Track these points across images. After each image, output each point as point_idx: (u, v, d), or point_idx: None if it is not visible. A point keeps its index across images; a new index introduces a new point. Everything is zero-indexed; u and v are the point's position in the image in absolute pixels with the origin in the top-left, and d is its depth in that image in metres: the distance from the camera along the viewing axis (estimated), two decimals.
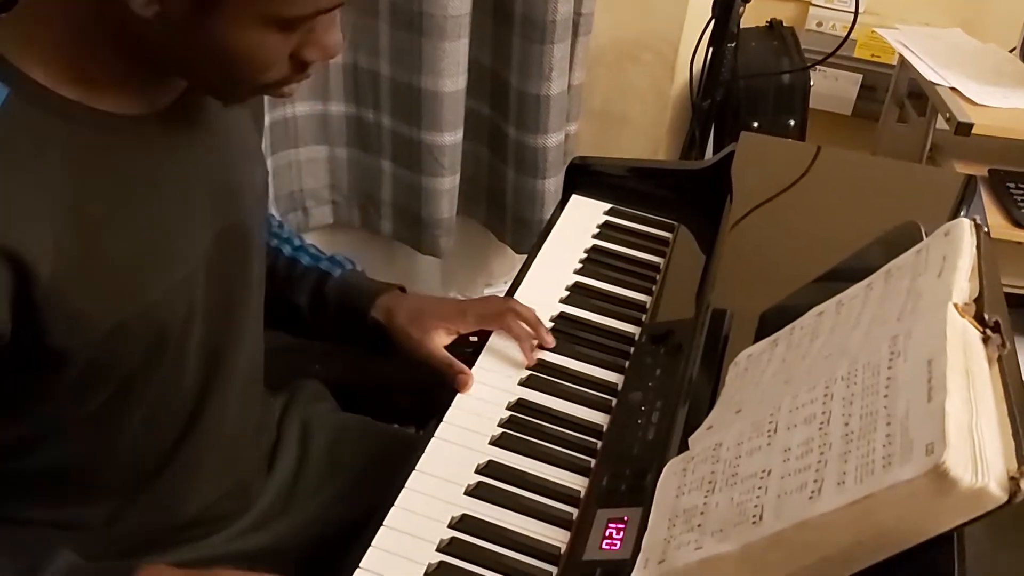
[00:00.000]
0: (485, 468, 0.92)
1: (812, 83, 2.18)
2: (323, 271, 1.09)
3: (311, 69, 0.76)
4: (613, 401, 1.02)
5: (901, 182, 1.43)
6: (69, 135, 0.71)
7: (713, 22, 1.89)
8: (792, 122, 2.11)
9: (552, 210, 1.38)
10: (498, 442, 0.95)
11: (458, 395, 1.00)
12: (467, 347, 1.08)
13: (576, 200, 1.37)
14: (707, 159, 1.70)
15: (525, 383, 1.03)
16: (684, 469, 0.76)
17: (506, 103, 1.86)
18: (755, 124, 2.08)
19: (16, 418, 0.79)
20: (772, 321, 0.93)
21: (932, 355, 0.63)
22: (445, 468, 0.92)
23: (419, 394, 1.07)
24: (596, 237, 1.29)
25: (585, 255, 1.25)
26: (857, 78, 2.64)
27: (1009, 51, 2.33)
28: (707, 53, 1.95)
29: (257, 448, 1.03)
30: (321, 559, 0.93)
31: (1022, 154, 2.19)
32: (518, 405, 1.00)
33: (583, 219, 1.33)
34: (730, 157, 1.33)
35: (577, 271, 1.22)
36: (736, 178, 1.29)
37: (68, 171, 0.71)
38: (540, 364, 1.06)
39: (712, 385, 0.92)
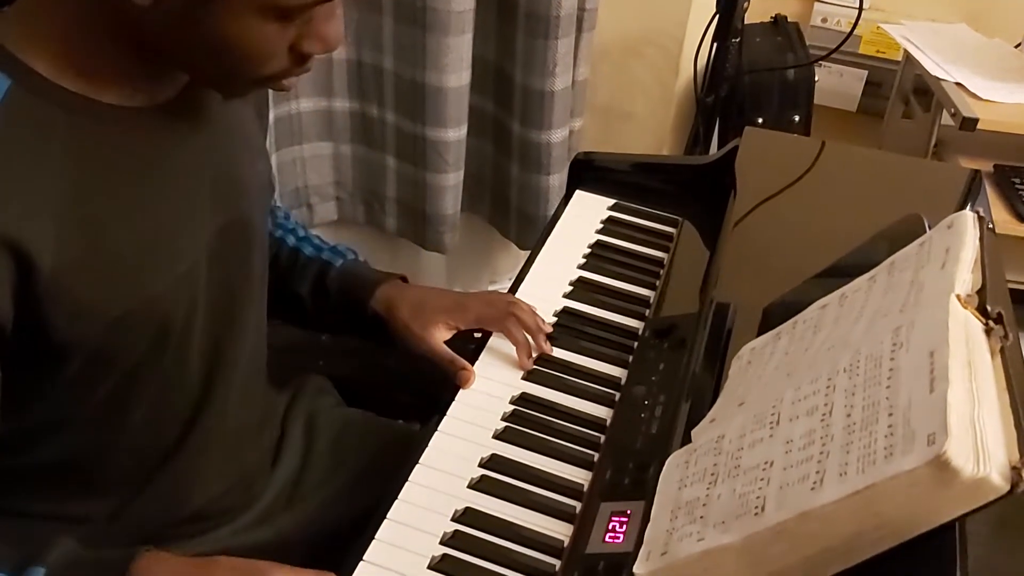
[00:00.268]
0: (488, 462, 0.92)
1: (817, 79, 2.18)
2: (325, 261, 1.10)
3: (311, 62, 0.76)
4: (616, 395, 1.02)
5: (905, 177, 1.43)
6: (71, 127, 0.71)
7: (717, 17, 1.89)
8: (797, 118, 2.11)
9: (556, 206, 1.38)
10: (501, 436, 0.95)
11: (461, 389, 1.00)
12: (471, 343, 1.08)
13: (580, 195, 1.37)
14: (711, 154, 1.69)
15: (528, 377, 1.03)
16: (686, 461, 0.76)
17: (510, 99, 1.86)
18: (760, 120, 2.08)
19: (20, 411, 0.79)
20: (775, 315, 0.93)
21: (934, 346, 0.63)
22: (448, 462, 0.92)
23: (423, 391, 1.07)
24: (600, 232, 1.29)
25: (589, 250, 1.25)
26: (862, 74, 2.63)
27: (1014, 46, 2.32)
28: (711, 48, 1.94)
29: (261, 442, 1.03)
30: (325, 553, 0.93)
31: None
32: (521, 399, 1.00)
33: (587, 214, 1.33)
34: (734, 152, 1.33)
35: (581, 266, 1.22)
36: (740, 173, 1.29)
37: (70, 163, 0.71)
38: (543, 358, 1.06)
39: (715, 379, 0.92)
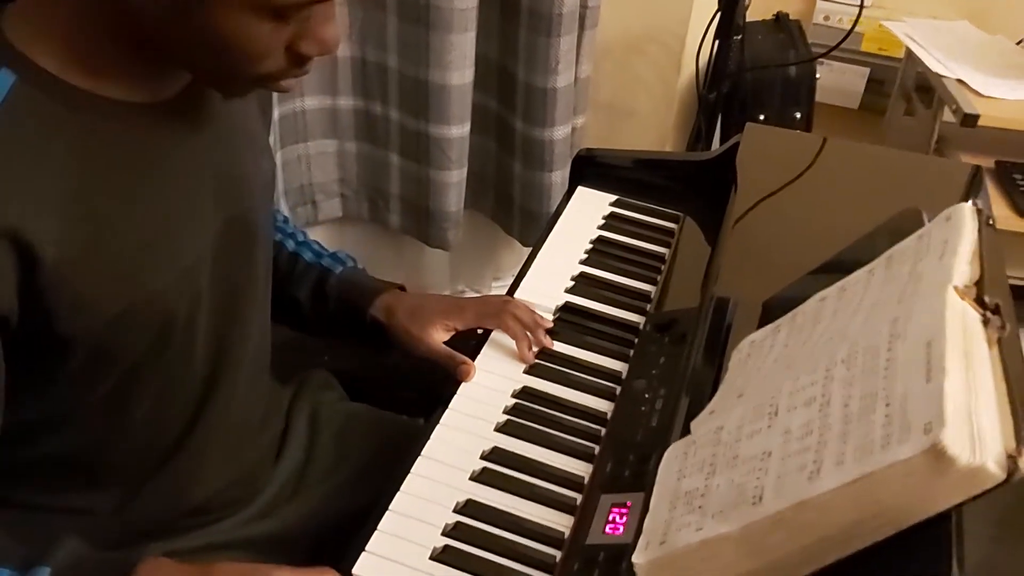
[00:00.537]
0: (490, 454, 0.93)
1: (819, 76, 2.18)
2: (324, 268, 1.10)
3: (310, 64, 0.75)
4: (617, 389, 1.02)
5: (907, 173, 1.43)
6: (75, 122, 0.72)
7: (719, 15, 1.89)
8: (798, 115, 2.11)
9: (559, 202, 1.38)
10: (503, 429, 0.96)
11: (463, 383, 1.01)
12: (472, 339, 1.08)
13: (582, 192, 1.37)
14: (712, 150, 1.70)
15: (530, 371, 1.04)
16: (685, 453, 0.76)
17: (513, 96, 1.87)
18: (761, 117, 2.08)
19: (24, 404, 0.79)
20: (775, 309, 0.94)
21: (931, 337, 0.63)
22: (450, 454, 0.92)
23: (427, 387, 1.08)
24: (602, 228, 1.30)
25: (591, 246, 1.26)
26: (864, 72, 2.63)
27: (1016, 43, 2.32)
28: (713, 46, 1.95)
29: (264, 436, 1.04)
30: (328, 546, 0.94)
31: None
32: (523, 393, 1.01)
33: (589, 210, 1.33)
34: (735, 148, 1.33)
35: (582, 262, 1.23)
36: (741, 169, 1.29)
37: (74, 157, 0.72)
38: (545, 352, 1.06)
39: (715, 372, 0.92)
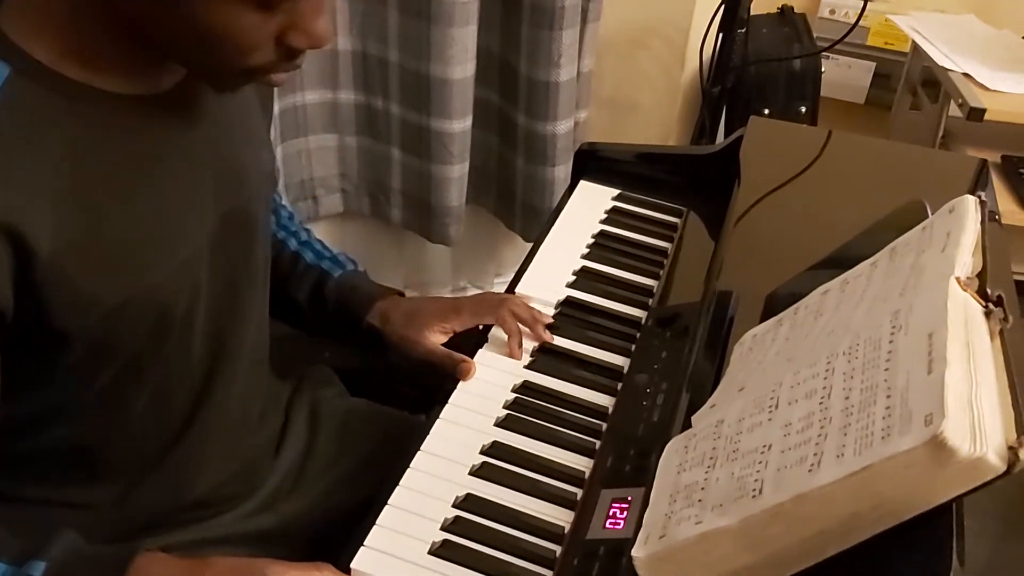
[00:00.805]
0: (490, 449, 0.92)
1: (824, 70, 2.17)
2: (323, 271, 1.09)
3: (301, 59, 0.75)
4: (619, 384, 1.02)
5: (912, 166, 1.42)
6: (71, 114, 0.71)
7: (723, 8, 1.88)
8: (803, 109, 2.10)
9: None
10: (503, 423, 0.95)
11: None
12: (473, 336, 1.08)
13: (584, 186, 1.37)
14: (715, 144, 1.69)
15: (531, 366, 1.03)
16: (686, 446, 0.76)
17: (515, 90, 1.86)
18: (766, 111, 2.07)
19: (23, 398, 0.79)
20: (777, 302, 0.93)
21: (933, 328, 0.62)
22: (450, 449, 0.92)
23: (428, 383, 1.07)
24: (604, 222, 1.29)
25: (592, 240, 1.25)
26: (870, 66, 2.61)
27: (1022, 37, 2.31)
28: (717, 39, 1.94)
29: (264, 430, 1.04)
30: (328, 541, 0.93)
31: None
32: (524, 387, 1.00)
33: (591, 204, 1.33)
34: (738, 142, 1.33)
35: (584, 256, 1.22)
36: (745, 163, 1.28)
37: (69, 150, 0.71)
38: (546, 347, 1.06)
39: (717, 366, 0.92)
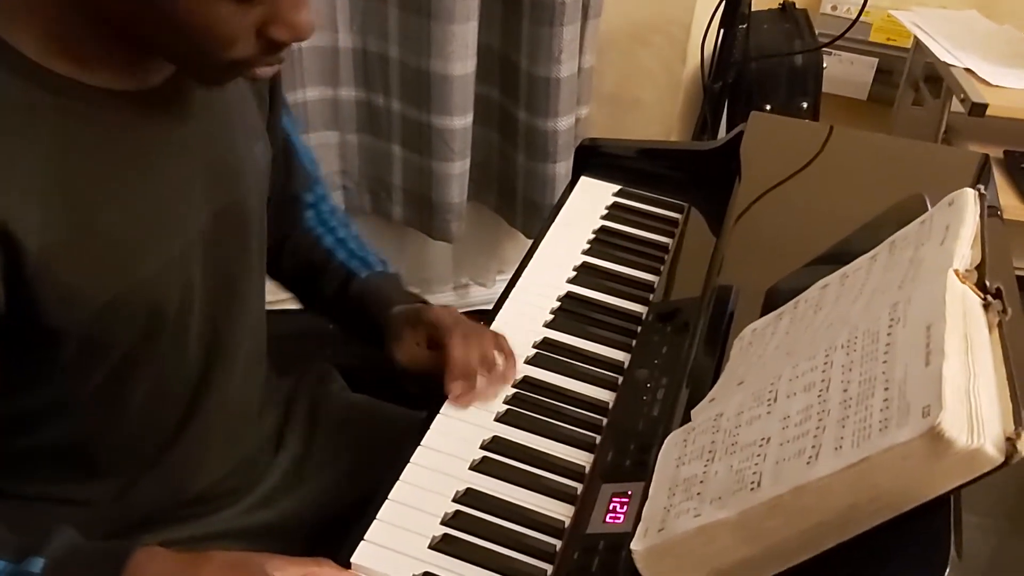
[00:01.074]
0: (490, 444, 0.92)
1: (826, 66, 2.16)
2: (350, 271, 1.09)
3: (284, 52, 0.74)
4: (619, 379, 1.02)
5: (914, 161, 1.42)
6: (58, 110, 0.71)
7: (724, 3, 1.88)
8: (805, 105, 2.10)
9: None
10: (503, 418, 0.95)
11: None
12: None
13: (585, 182, 1.37)
14: (716, 140, 1.69)
15: (531, 361, 1.03)
16: (685, 440, 0.76)
17: (516, 87, 1.86)
18: (768, 107, 2.06)
19: (19, 395, 0.79)
20: (778, 297, 0.93)
21: (931, 320, 0.62)
22: (450, 444, 0.92)
23: (430, 381, 1.07)
24: (605, 218, 1.29)
25: (593, 236, 1.25)
26: (873, 62, 2.61)
27: None
28: (718, 35, 1.94)
29: (263, 426, 1.04)
30: (328, 536, 0.94)
31: None
32: (524, 382, 1.00)
33: (592, 200, 1.33)
34: (739, 137, 1.33)
35: (585, 251, 1.22)
36: (746, 158, 1.28)
37: (57, 145, 0.71)
38: (546, 342, 1.06)
39: (717, 360, 0.92)
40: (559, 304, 1.12)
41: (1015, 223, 1.92)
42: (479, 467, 0.90)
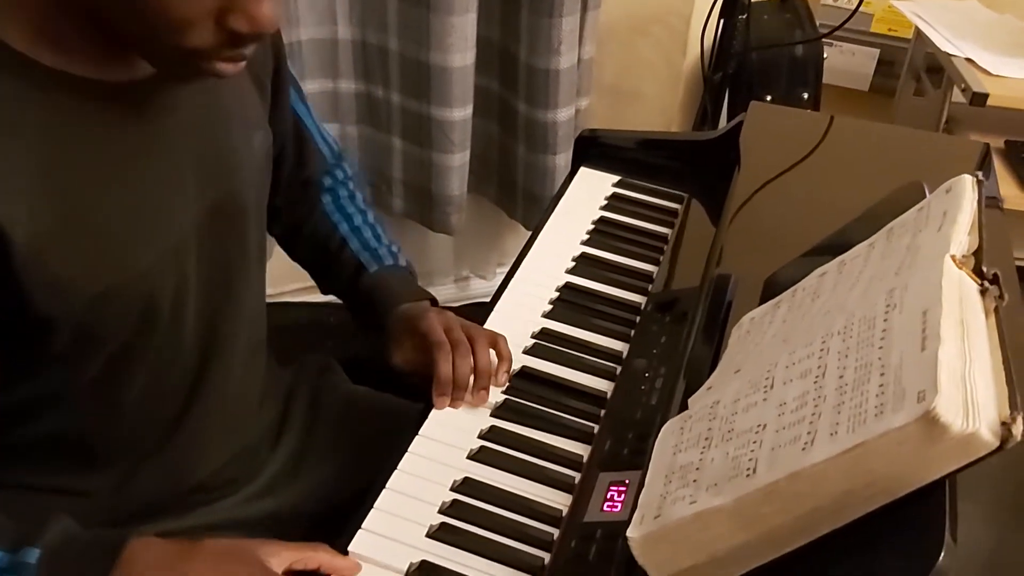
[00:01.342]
0: (488, 433, 0.92)
1: (826, 56, 2.16)
2: (360, 263, 1.09)
3: (246, 45, 0.72)
4: (617, 369, 1.02)
5: (914, 151, 1.41)
6: (45, 101, 0.71)
7: None
8: (806, 95, 2.09)
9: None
10: (501, 408, 0.95)
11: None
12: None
13: (584, 172, 1.37)
14: (715, 130, 1.68)
15: (529, 351, 1.03)
16: (681, 428, 0.76)
17: (515, 78, 1.85)
18: (768, 98, 2.06)
19: (15, 387, 0.79)
20: (776, 286, 0.93)
21: (927, 306, 0.62)
22: (448, 434, 0.92)
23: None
24: (604, 209, 1.29)
25: (592, 226, 1.25)
26: (874, 53, 2.60)
27: None
28: (718, 26, 1.93)
29: (263, 416, 1.04)
30: (328, 526, 0.94)
31: None
32: (522, 373, 1.00)
33: (591, 191, 1.33)
34: (739, 127, 1.33)
35: (584, 242, 1.22)
36: (746, 148, 1.28)
37: (44, 137, 0.71)
38: (544, 333, 1.06)
39: (715, 350, 0.92)
40: (558, 295, 1.12)
41: (1015, 213, 1.92)
42: (477, 456, 0.90)
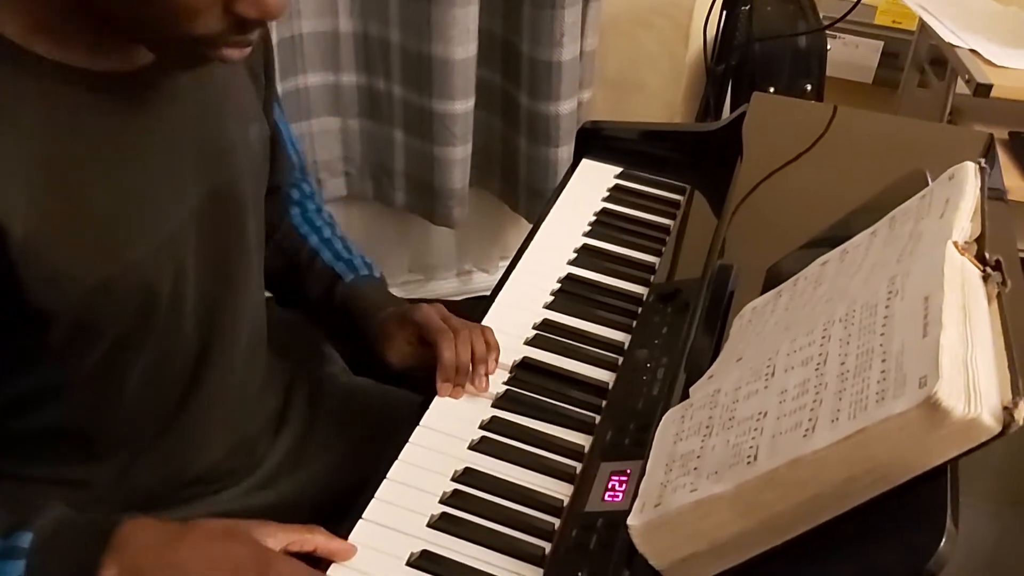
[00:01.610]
0: (489, 424, 0.92)
1: (830, 49, 2.15)
2: (335, 274, 1.09)
3: (252, 31, 0.71)
4: (619, 359, 1.01)
5: (918, 141, 1.41)
6: (41, 92, 0.70)
7: None
8: (809, 87, 2.08)
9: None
10: (502, 399, 0.95)
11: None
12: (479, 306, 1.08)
13: (586, 164, 1.36)
14: (718, 121, 1.68)
15: (531, 342, 1.03)
16: (683, 416, 0.75)
17: (517, 71, 1.85)
18: (771, 89, 2.05)
19: (13, 378, 0.79)
20: (777, 276, 0.93)
21: (929, 292, 0.62)
22: (449, 424, 0.92)
23: (433, 367, 1.07)
24: (606, 200, 1.29)
25: (594, 218, 1.25)
26: (878, 45, 2.60)
27: None
28: (721, 16, 1.92)
29: (263, 407, 1.04)
30: (328, 517, 0.93)
31: None
32: (523, 364, 1.00)
33: (593, 183, 1.32)
34: (741, 118, 1.32)
35: (586, 233, 1.22)
36: (748, 139, 1.28)
37: (40, 127, 0.70)
38: (546, 324, 1.06)
39: (717, 339, 0.92)
40: (559, 286, 1.12)
41: (1019, 203, 1.91)
42: (478, 447, 0.90)
